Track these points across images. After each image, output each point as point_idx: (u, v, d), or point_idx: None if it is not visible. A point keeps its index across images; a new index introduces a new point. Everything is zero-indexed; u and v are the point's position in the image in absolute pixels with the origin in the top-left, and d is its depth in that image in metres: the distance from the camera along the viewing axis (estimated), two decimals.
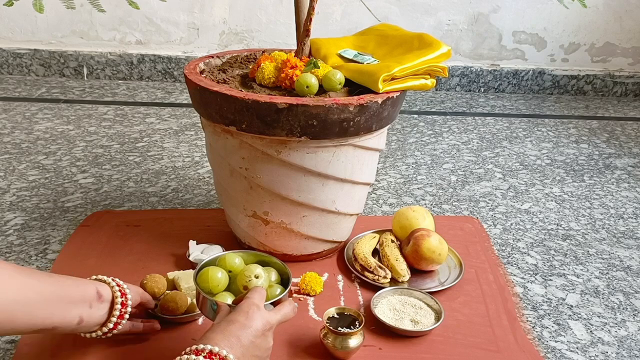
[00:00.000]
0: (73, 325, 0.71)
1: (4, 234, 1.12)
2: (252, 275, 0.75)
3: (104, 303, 0.76)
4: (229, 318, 0.68)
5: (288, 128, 0.87)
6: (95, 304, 0.74)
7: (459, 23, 2.23)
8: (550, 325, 0.93)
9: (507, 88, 2.31)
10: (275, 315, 0.71)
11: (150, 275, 0.90)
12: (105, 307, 0.76)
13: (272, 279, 0.80)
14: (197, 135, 1.70)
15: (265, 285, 0.76)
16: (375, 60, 0.98)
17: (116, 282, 0.79)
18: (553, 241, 1.19)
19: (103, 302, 0.75)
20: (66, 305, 0.70)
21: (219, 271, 0.77)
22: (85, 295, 0.73)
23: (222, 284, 0.76)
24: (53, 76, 2.22)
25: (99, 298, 0.75)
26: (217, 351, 0.63)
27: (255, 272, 0.75)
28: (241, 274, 0.76)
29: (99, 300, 0.75)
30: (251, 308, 0.69)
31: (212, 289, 0.75)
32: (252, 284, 0.74)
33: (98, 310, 0.75)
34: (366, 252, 1.02)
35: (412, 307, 0.91)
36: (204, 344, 0.64)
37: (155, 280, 0.89)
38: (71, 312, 0.71)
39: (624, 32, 2.26)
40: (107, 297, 0.76)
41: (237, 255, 0.80)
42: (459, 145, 1.71)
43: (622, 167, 1.60)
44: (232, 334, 0.66)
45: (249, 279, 0.74)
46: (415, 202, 1.34)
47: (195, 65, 1.02)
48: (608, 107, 2.18)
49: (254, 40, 2.22)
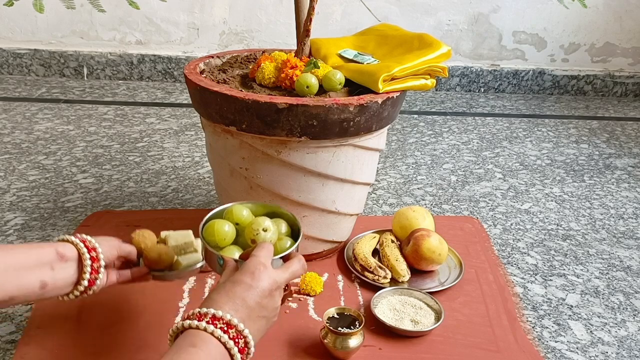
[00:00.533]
0: (36, 291, 0.69)
1: (4, 234, 1.12)
2: (260, 229, 0.71)
3: (69, 262, 0.73)
4: (234, 278, 0.66)
5: (288, 128, 0.87)
6: (57, 265, 0.71)
7: (459, 23, 2.23)
8: (550, 326, 0.93)
9: (507, 88, 2.31)
10: (283, 274, 0.68)
11: (140, 230, 0.86)
12: (71, 266, 0.73)
13: (282, 231, 0.76)
14: (197, 135, 1.70)
15: (274, 239, 0.72)
16: (375, 60, 0.98)
17: (81, 237, 0.75)
18: (553, 241, 1.19)
19: (67, 261, 0.73)
20: (19, 272, 0.67)
21: (226, 224, 0.73)
22: (42, 259, 0.70)
23: (228, 237, 0.73)
24: (53, 76, 2.22)
25: (61, 258, 0.72)
26: (220, 315, 0.61)
27: (263, 224, 0.71)
28: (249, 227, 0.72)
29: (61, 260, 0.72)
30: (257, 267, 0.66)
31: (218, 242, 0.72)
32: (260, 237, 0.71)
33: (63, 271, 0.72)
34: (366, 252, 1.02)
35: (412, 307, 0.91)
36: (207, 307, 0.62)
37: (144, 235, 0.86)
38: (27, 278, 0.68)
39: (624, 32, 2.26)
40: (71, 256, 0.73)
41: (244, 207, 0.76)
42: (459, 146, 1.72)
43: (622, 167, 1.60)
44: (237, 295, 0.63)
45: (257, 233, 0.71)
46: (415, 202, 1.34)
47: (195, 65, 1.02)
48: (608, 107, 2.18)
49: (254, 40, 2.22)
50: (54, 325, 0.86)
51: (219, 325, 0.60)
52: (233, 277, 0.66)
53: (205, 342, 0.59)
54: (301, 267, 0.72)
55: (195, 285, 0.97)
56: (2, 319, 0.88)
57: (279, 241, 0.74)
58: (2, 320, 0.88)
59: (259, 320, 0.65)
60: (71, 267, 0.73)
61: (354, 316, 0.84)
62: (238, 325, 0.61)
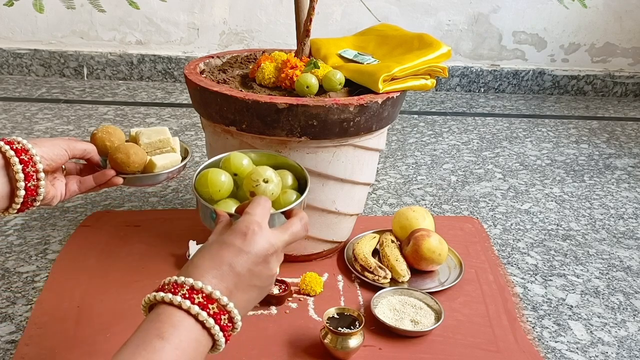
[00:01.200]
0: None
1: (4, 234, 1.12)
2: (260, 179, 0.62)
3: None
4: (222, 239, 0.56)
5: (288, 128, 0.87)
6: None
7: (459, 23, 2.22)
8: (550, 326, 0.93)
9: (507, 88, 2.31)
10: (281, 236, 0.58)
11: (103, 126, 0.74)
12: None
13: (288, 184, 0.67)
14: (197, 135, 1.70)
15: (277, 192, 0.64)
16: (375, 60, 0.98)
17: (8, 139, 0.67)
18: (553, 241, 1.19)
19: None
20: None
21: (222, 174, 0.64)
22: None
23: (224, 188, 0.64)
24: (53, 76, 2.22)
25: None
26: (200, 287, 0.51)
27: (264, 175, 0.62)
28: (248, 177, 0.64)
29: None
30: (250, 227, 0.56)
31: (212, 194, 0.64)
32: (260, 189, 0.62)
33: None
34: (366, 252, 1.02)
35: (412, 307, 0.91)
36: (186, 275, 0.52)
37: (108, 132, 0.72)
38: None
39: (624, 33, 2.26)
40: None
41: (245, 156, 0.68)
42: (459, 146, 1.71)
43: (622, 168, 1.60)
44: (224, 260, 0.54)
45: (257, 184, 0.62)
46: (415, 202, 1.34)
47: (195, 65, 1.02)
48: (608, 108, 2.18)
49: (254, 40, 2.22)
50: (54, 325, 0.86)
51: (196, 300, 0.51)
52: (221, 238, 0.56)
53: (177, 327, 0.50)
54: (302, 228, 0.61)
55: None
56: (2, 319, 0.88)
57: (283, 194, 0.65)
58: (2, 320, 0.88)
59: (250, 289, 0.55)
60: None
61: (354, 316, 0.84)
62: (221, 299, 0.52)
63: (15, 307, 0.91)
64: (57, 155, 0.69)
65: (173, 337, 0.49)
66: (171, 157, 0.76)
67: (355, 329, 0.81)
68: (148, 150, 0.75)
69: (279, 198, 0.64)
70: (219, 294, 0.52)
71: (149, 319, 0.51)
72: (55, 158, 0.69)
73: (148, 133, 0.76)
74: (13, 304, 0.92)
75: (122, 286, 0.96)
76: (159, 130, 0.75)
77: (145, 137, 0.75)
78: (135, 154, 0.71)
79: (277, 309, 0.92)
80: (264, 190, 0.62)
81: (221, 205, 0.64)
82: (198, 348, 0.51)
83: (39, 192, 0.67)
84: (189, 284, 0.51)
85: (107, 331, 0.85)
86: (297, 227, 0.60)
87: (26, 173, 0.65)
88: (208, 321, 0.51)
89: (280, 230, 0.59)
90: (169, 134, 0.76)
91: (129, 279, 0.97)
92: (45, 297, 0.92)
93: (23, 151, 0.65)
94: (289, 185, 0.68)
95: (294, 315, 0.91)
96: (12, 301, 0.92)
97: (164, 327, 0.49)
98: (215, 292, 0.52)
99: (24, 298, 0.93)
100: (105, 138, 0.73)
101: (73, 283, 0.96)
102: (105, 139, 0.73)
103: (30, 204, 0.68)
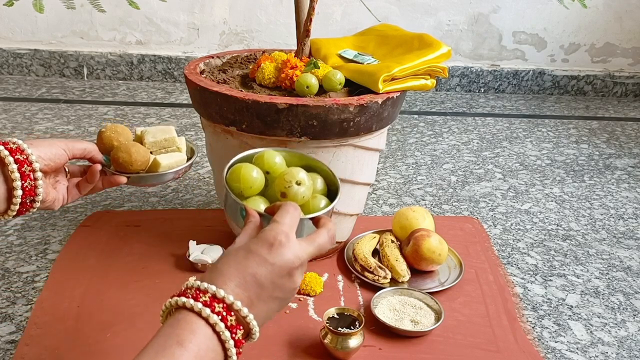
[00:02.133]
0: None
1: (4, 234, 1.12)
2: (293, 181, 0.62)
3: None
4: (249, 246, 0.54)
5: (288, 128, 0.87)
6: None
7: (459, 23, 2.22)
8: (550, 326, 0.93)
9: (507, 88, 2.31)
10: (307, 248, 0.57)
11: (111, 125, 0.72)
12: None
13: (318, 188, 0.66)
14: (197, 135, 1.70)
15: (308, 195, 0.63)
16: (375, 60, 0.98)
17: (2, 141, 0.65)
18: (553, 241, 1.19)
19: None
20: None
21: (254, 169, 0.64)
22: None
23: (256, 185, 0.63)
24: (53, 76, 2.22)
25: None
26: (222, 296, 0.50)
27: (297, 177, 0.62)
28: (280, 177, 0.63)
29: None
30: (277, 238, 0.54)
31: (243, 190, 0.63)
32: (292, 191, 0.61)
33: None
34: (366, 252, 1.02)
35: (412, 308, 0.91)
36: (209, 281, 0.52)
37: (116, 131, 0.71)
38: None
39: (624, 33, 2.26)
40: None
41: (278, 154, 0.67)
42: (459, 146, 1.71)
43: (622, 168, 1.60)
44: (249, 270, 0.53)
45: (289, 185, 0.61)
46: (415, 202, 1.34)
47: (195, 65, 1.02)
48: (608, 108, 2.18)
49: (254, 40, 2.22)
50: (54, 325, 0.86)
51: (217, 309, 0.50)
52: (248, 245, 0.55)
53: (196, 334, 0.49)
54: (329, 240, 0.59)
55: None
56: (2, 319, 0.88)
57: (313, 199, 0.64)
58: (2, 320, 0.88)
59: (271, 301, 0.54)
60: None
61: (354, 316, 0.84)
62: (241, 310, 0.51)
63: (15, 307, 0.91)
64: (55, 155, 0.68)
65: (192, 345, 0.49)
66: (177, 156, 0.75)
67: (355, 329, 0.81)
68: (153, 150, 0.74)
69: (309, 202, 0.63)
70: (240, 305, 0.51)
71: (169, 324, 0.51)
72: (53, 158, 0.68)
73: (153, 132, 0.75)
74: (13, 304, 0.92)
75: (122, 286, 0.96)
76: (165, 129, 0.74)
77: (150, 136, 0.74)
78: (137, 153, 0.70)
79: None
80: (296, 192, 0.61)
81: (250, 203, 0.63)
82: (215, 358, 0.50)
83: (37, 192, 0.65)
84: (212, 291, 0.51)
85: (107, 331, 0.85)
86: (324, 239, 0.59)
87: (22, 172, 0.64)
88: (224, 333, 0.50)
89: (307, 242, 0.57)
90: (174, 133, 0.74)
91: (129, 279, 0.97)
92: (45, 297, 0.92)
93: (18, 151, 0.64)
94: (319, 190, 0.67)
95: (294, 315, 0.91)
96: (12, 301, 0.92)
97: (183, 334, 0.49)
98: (237, 302, 0.51)
99: (24, 298, 0.93)
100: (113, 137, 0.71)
101: (73, 283, 0.96)
102: (113, 138, 0.71)
103: (29, 205, 0.66)
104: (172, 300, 0.52)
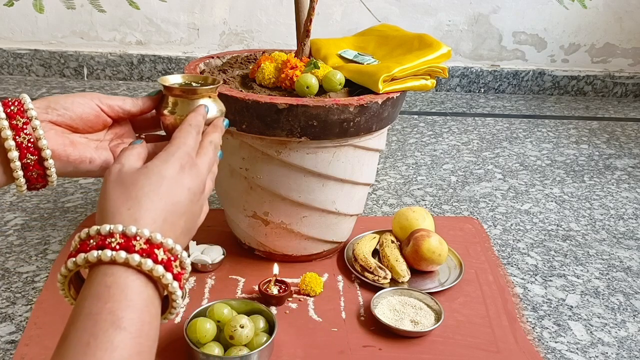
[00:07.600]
0: None
1: (4, 234, 1.12)
2: (237, 325, 0.77)
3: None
4: (160, 170, 0.46)
5: (288, 128, 0.87)
6: None
7: (459, 24, 2.23)
8: (550, 326, 0.93)
9: (507, 89, 2.31)
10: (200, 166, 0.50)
11: None
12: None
13: (260, 327, 0.82)
14: None
15: (251, 335, 0.78)
16: (375, 60, 0.98)
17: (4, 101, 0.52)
18: (553, 242, 1.19)
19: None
20: None
21: (207, 322, 0.80)
22: None
23: (209, 334, 0.79)
24: (53, 76, 2.22)
25: None
26: (159, 241, 0.41)
27: (240, 322, 0.78)
28: (228, 324, 0.79)
29: None
30: (185, 158, 0.48)
31: (199, 339, 0.79)
32: (237, 334, 0.77)
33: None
34: (366, 252, 1.02)
35: (412, 308, 0.91)
36: (132, 222, 0.41)
37: None
38: None
39: (624, 33, 2.26)
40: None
41: (225, 305, 0.83)
42: (459, 146, 1.72)
43: (622, 168, 1.60)
44: (170, 199, 0.45)
45: (234, 329, 0.77)
46: (415, 202, 1.34)
47: (195, 65, 1.02)
48: (608, 108, 2.18)
49: (254, 40, 2.22)
50: (54, 325, 0.86)
51: (160, 257, 0.40)
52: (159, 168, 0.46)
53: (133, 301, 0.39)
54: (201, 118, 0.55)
55: (195, 286, 0.97)
56: (2, 319, 0.88)
57: (256, 337, 0.80)
58: (2, 320, 0.88)
59: (186, 231, 0.47)
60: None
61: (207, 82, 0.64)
62: (165, 242, 0.42)
63: (15, 307, 0.91)
64: (82, 111, 0.55)
65: (133, 317, 0.38)
66: None
67: None
68: None
69: (253, 340, 0.79)
70: (180, 249, 0.42)
71: (94, 295, 0.38)
72: (82, 114, 0.55)
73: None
74: (13, 304, 0.92)
75: None
76: None
77: None
78: None
79: (277, 309, 0.92)
80: (240, 334, 0.77)
81: (206, 349, 0.78)
82: (154, 311, 0.40)
83: (41, 145, 0.51)
84: (119, 231, 0.40)
85: None
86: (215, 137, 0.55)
87: (13, 126, 0.51)
88: (172, 285, 0.41)
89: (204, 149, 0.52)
90: None
91: None
92: (45, 297, 0.92)
93: (13, 104, 0.53)
94: (261, 328, 0.82)
95: (294, 315, 0.91)
96: (12, 301, 0.92)
97: (118, 307, 0.38)
98: (177, 246, 0.42)
99: (24, 298, 0.93)
100: None
101: None
102: None
103: (38, 167, 0.51)
104: (78, 259, 0.40)
